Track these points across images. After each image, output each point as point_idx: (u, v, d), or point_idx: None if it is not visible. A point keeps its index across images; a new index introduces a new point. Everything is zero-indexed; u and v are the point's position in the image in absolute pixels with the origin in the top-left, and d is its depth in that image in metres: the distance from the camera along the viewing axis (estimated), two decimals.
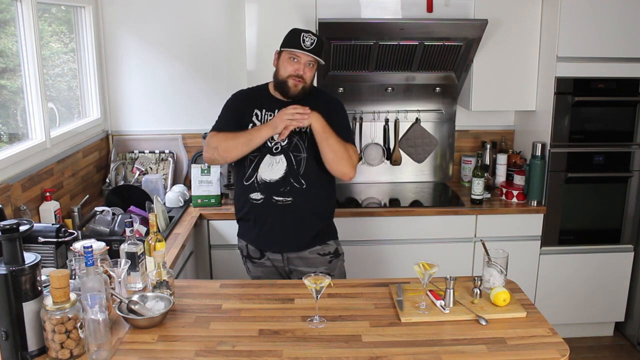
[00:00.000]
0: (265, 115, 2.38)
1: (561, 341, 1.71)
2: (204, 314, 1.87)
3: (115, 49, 3.46)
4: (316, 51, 2.27)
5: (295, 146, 2.33)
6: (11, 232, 1.56)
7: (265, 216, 2.36)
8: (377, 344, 1.69)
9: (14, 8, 2.58)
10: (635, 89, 3.15)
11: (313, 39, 2.26)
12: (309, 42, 2.24)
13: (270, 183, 2.33)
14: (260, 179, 2.34)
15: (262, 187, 2.34)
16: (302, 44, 2.24)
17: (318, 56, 2.29)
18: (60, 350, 1.58)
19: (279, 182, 2.32)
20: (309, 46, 2.24)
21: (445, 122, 3.63)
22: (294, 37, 2.28)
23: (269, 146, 2.33)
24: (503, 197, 3.35)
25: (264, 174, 2.34)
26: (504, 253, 2.01)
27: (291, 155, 2.33)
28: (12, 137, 2.69)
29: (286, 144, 2.33)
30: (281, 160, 2.33)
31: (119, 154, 3.52)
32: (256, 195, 2.35)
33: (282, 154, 2.33)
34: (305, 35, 2.25)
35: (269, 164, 2.33)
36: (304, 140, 2.33)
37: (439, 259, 2.03)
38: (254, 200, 2.36)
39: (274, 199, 2.33)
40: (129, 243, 1.98)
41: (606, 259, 3.35)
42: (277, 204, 2.33)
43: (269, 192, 2.33)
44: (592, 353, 3.38)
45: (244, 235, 2.51)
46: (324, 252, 2.43)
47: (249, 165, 2.36)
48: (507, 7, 3.19)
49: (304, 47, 2.24)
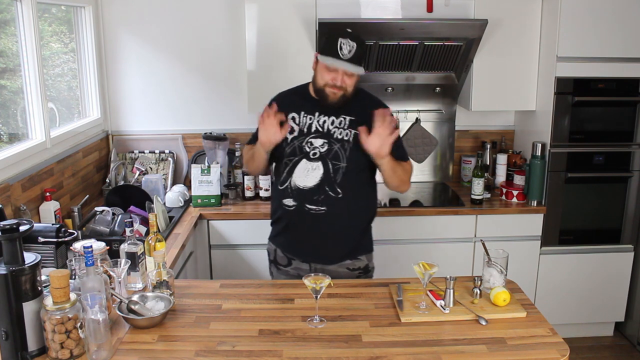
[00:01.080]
0: (303, 119, 2.22)
1: (561, 341, 1.71)
2: (204, 314, 1.87)
3: (115, 49, 3.46)
4: (356, 59, 2.06)
5: (335, 154, 2.17)
6: (11, 232, 1.56)
7: (296, 224, 2.24)
8: (377, 344, 1.69)
9: (14, 8, 2.58)
10: (635, 89, 3.15)
11: (352, 46, 2.03)
12: (346, 50, 2.02)
13: (304, 190, 2.18)
14: (294, 185, 2.20)
15: (295, 193, 2.20)
16: (339, 52, 2.02)
17: (358, 64, 2.08)
18: (60, 350, 1.58)
19: (313, 190, 2.17)
20: (347, 54, 2.03)
21: (445, 122, 3.63)
22: (330, 42, 2.06)
23: (307, 151, 2.18)
24: (503, 197, 3.35)
25: (298, 180, 2.19)
26: (504, 253, 2.01)
27: (329, 163, 2.17)
28: (12, 137, 2.69)
29: (325, 150, 2.17)
30: (318, 167, 2.17)
31: (119, 154, 3.52)
32: (289, 201, 2.22)
33: (320, 161, 2.17)
34: (343, 41, 2.02)
35: (305, 170, 2.18)
36: (346, 149, 2.17)
37: (439, 259, 2.03)
38: (287, 206, 2.23)
39: (306, 207, 2.19)
40: (129, 243, 1.98)
41: (606, 259, 3.35)
42: (309, 212, 2.19)
43: (302, 200, 2.19)
44: (592, 353, 3.38)
45: (274, 239, 2.39)
46: (353, 267, 2.30)
47: (284, 169, 2.23)
48: (507, 7, 3.20)
49: (341, 55, 2.03)
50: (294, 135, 2.21)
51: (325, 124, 2.20)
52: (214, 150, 3.37)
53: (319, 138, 2.18)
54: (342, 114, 2.20)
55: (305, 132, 2.20)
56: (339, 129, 2.19)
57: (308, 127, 2.21)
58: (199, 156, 3.57)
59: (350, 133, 2.18)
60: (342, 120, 2.20)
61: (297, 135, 2.21)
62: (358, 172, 2.21)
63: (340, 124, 2.20)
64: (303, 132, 2.20)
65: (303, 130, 2.21)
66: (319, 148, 2.18)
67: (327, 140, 2.17)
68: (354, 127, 2.18)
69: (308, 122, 2.21)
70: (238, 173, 3.40)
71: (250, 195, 3.31)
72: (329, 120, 2.20)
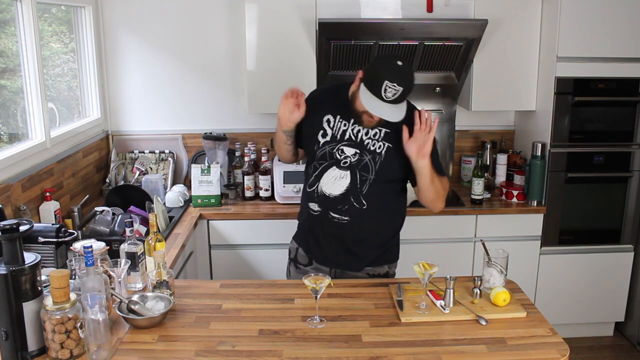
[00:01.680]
0: (338, 123, 2.13)
1: (561, 341, 1.71)
2: (204, 314, 1.87)
3: (115, 49, 3.46)
4: (399, 100, 1.94)
5: (365, 166, 2.11)
6: (11, 232, 1.56)
7: (320, 230, 2.21)
8: (377, 344, 1.69)
9: (14, 8, 2.58)
10: (635, 89, 3.15)
11: (397, 92, 1.88)
12: (390, 94, 1.89)
13: (329, 197, 2.14)
14: (320, 191, 2.16)
15: (321, 198, 2.16)
16: (382, 94, 1.89)
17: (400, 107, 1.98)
18: (60, 350, 1.58)
19: (338, 199, 2.13)
20: (390, 98, 1.90)
21: (445, 122, 3.63)
22: (376, 80, 1.90)
23: (338, 158, 2.12)
24: (503, 197, 3.35)
25: (325, 187, 2.15)
26: (504, 253, 2.01)
27: (357, 173, 2.12)
28: (12, 137, 2.69)
29: (356, 160, 2.11)
30: (345, 176, 2.12)
31: (119, 154, 3.52)
32: (314, 205, 2.19)
33: (348, 170, 2.12)
34: (389, 85, 1.88)
35: (333, 177, 2.13)
36: (376, 162, 2.11)
37: (439, 259, 2.02)
38: (312, 210, 2.20)
39: (330, 214, 2.16)
40: (129, 243, 1.98)
41: (606, 259, 3.35)
42: (332, 220, 2.16)
43: (327, 207, 2.16)
44: (592, 353, 3.38)
45: (297, 238, 2.36)
46: (373, 273, 2.27)
47: (313, 173, 2.18)
48: (507, 7, 3.20)
49: (384, 97, 1.90)
50: (325, 139, 2.14)
51: (359, 134, 2.12)
52: (214, 150, 3.37)
53: (352, 147, 2.11)
54: (378, 126, 2.11)
55: (338, 138, 2.13)
56: (373, 140, 2.12)
57: (341, 134, 2.13)
58: (199, 156, 3.57)
59: (383, 146, 2.11)
60: (377, 132, 2.13)
61: (329, 140, 2.14)
62: (385, 185, 2.16)
63: (375, 136, 2.12)
64: (335, 139, 2.13)
65: (336, 137, 2.13)
66: (350, 157, 2.11)
67: (359, 151, 2.11)
68: (388, 140, 2.12)
69: (342, 128, 2.13)
70: (238, 173, 3.40)
71: (250, 195, 3.31)
72: (363, 130, 2.12)
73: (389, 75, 1.88)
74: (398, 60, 1.91)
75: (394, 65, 1.90)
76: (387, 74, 1.89)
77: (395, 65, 1.90)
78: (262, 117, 3.55)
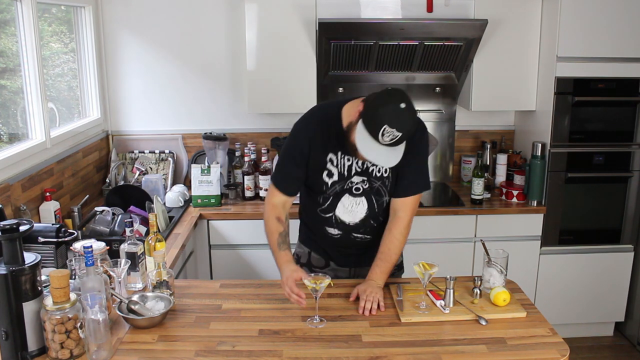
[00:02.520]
0: (341, 160, 2.02)
1: (561, 341, 1.71)
2: (204, 314, 1.87)
3: (115, 49, 3.46)
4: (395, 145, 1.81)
5: (378, 191, 2.06)
6: (11, 232, 1.56)
7: (342, 246, 2.18)
8: (377, 344, 1.69)
9: (14, 8, 2.58)
10: (635, 89, 3.15)
11: (395, 137, 1.76)
12: (388, 139, 1.76)
13: (350, 225, 2.10)
14: (339, 219, 2.10)
15: (340, 225, 2.11)
16: (379, 137, 1.76)
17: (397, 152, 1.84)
18: (60, 350, 1.58)
19: (358, 225, 2.10)
20: (387, 142, 1.77)
21: (445, 122, 3.63)
22: (376, 121, 1.76)
23: (349, 187, 2.05)
24: (503, 197, 3.35)
25: (342, 216, 2.09)
26: (504, 253, 2.01)
27: (373, 198, 2.07)
28: (12, 137, 2.69)
29: (368, 187, 2.05)
30: (362, 203, 2.07)
31: (119, 154, 3.52)
32: (333, 230, 2.12)
33: (363, 196, 2.06)
34: (387, 130, 1.74)
35: (349, 205, 2.07)
36: (387, 185, 2.06)
37: (439, 259, 2.03)
38: (331, 234, 2.14)
39: (352, 235, 2.13)
40: (129, 243, 1.98)
41: (606, 259, 3.35)
42: (355, 239, 2.14)
43: (348, 231, 2.12)
44: (592, 353, 3.38)
45: (307, 243, 2.26)
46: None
47: (324, 200, 2.09)
48: (507, 7, 3.19)
49: (381, 141, 1.77)
50: (333, 179, 2.04)
51: (364, 165, 2.03)
52: (214, 150, 3.37)
53: (359, 175, 2.04)
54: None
55: (346, 175, 2.04)
56: (377, 166, 2.04)
57: (348, 170, 2.04)
58: (199, 156, 3.57)
59: (389, 169, 2.05)
60: None
61: (338, 179, 2.05)
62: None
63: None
64: (343, 176, 2.04)
65: (343, 174, 2.04)
66: (361, 184, 2.05)
67: (366, 178, 2.04)
68: None
69: (347, 164, 2.03)
70: (238, 173, 3.40)
71: (250, 195, 3.31)
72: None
73: (389, 119, 1.74)
74: (402, 102, 1.78)
75: (396, 108, 1.77)
76: (387, 117, 1.75)
77: (398, 108, 1.76)
78: (262, 117, 3.55)
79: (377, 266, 2.03)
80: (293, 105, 3.20)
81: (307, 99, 3.19)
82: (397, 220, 2.07)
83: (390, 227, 2.08)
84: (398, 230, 2.06)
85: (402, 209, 2.07)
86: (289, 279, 1.89)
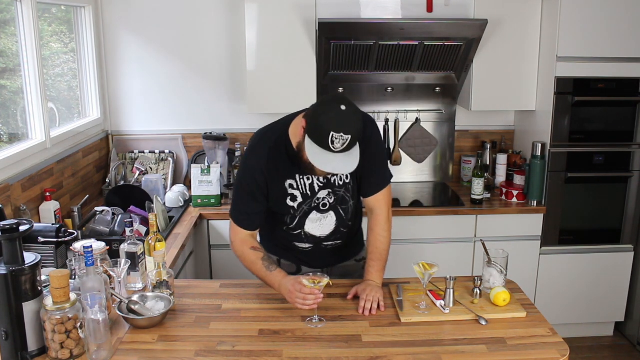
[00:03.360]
0: (301, 181, 1.98)
1: (561, 341, 1.71)
2: (204, 314, 1.87)
3: (115, 49, 3.46)
4: (349, 149, 1.76)
5: (342, 199, 2.04)
6: (11, 232, 1.56)
7: (312, 257, 2.16)
8: (377, 344, 1.69)
9: (14, 8, 2.58)
10: (635, 89, 3.15)
11: (346, 140, 1.71)
12: (339, 145, 1.71)
13: (320, 237, 2.09)
14: (308, 234, 2.08)
15: (311, 239, 2.10)
16: (330, 146, 1.72)
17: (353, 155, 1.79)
18: (60, 350, 1.58)
19: (329, 236, 2.09)
20: (340, 148, 1.72)
21: (445, 122, 3.63)
22: (321, 133, 1.72)
23: (315, 204, 2.02)
24: (503, 197, 3.35)
25: (312, 231, 2.07)
26: (504, 253, 2.01)
27: (339, 208, 2.06)
28: (12, 137, 2.69)
29: (333, 200, 2.02)
30: (330, 216, 2.05)
31: (119, 154, 3.52)
32: (304, 245, 2.11)
33: (330, 210, 2.04)
34: (335, 137, 1.69)
35: (317, 220, 2.05)
36: (350, 190, 2.05)
37: (439, 259, 2.03)
38: (302, 248, 2.13)
39: (323, 244, 2.12)
40: (129, 243, 1.98)
41: (606, 259, 3.35)
42: (326, 248, 2.13)
43: (319, 243, 2.11)
44: (592, 353, 3.38)
45: (276, 252, 2.19)
46: (359, 258, 2.27)
47: (292, 220, 2.05)
48: (507, 7, 3.19)
49: (333, 149, 1.72)
50: (298, 202, 2.01)
51: (325, 178, 2.01)
52: (214, 150, 3.37)
53: (323, 189, 2.01)
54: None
55: (310, 194, 2.01)
56: (337, 175, 2.02)
57: (311, 189, 2.00)
58: (199, 156, 3.57)
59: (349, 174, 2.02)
60: None
61: (303, 200, 2.01)
62: (359, 197, 2.13)
63: None
64: (308, 196, 2.01)
65: (307, 194, 2.01)
66: (327, 199, 2.02)
67: (331, 190, 2.02)
68: None
69: (307, 183, 1.99)
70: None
71: None
72: None
73: (334, 125, 1.69)
74: (342, 105, 1.73)
75: (337, 112, 1.71)
76: (331, 124, 1.70)
77: (339, 111, 1.71)
78: (262, 117, 3.54)
79: (371, 267, 2.04)
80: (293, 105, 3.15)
81: (307, 98, 3.18)
82: (375, 218, 2.09)
83: (372, 227, 2.09)
84: (380, 227, 2.07)
85: (377, 205, 2.09)
86: (295, 285, 1.82)
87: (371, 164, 2.00)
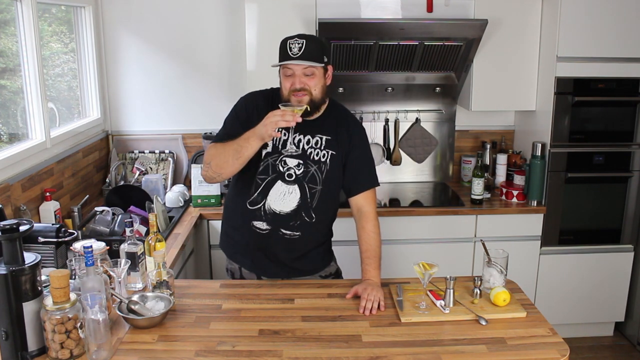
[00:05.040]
0: (281, 132, 2.03)
1: (561, 341, 1.71)
2: (204, 314, 1.87)
3: (115, 49, 3.46)
4: (308, 55, 1.92)
5: (312, 177, 2.06)
6: (11, 232, 1.56)
7: (268, 247, 2.14)
8: (377, 344, 1.69)
9: (14, 8, 2.58)
10: (635, 89, 3.15)
11: (301, 43, 1.92)
12: (296, 49, 1.92)
13: (280, 215, 2.08)
14: (269, 209, 2.08)
15: (270, 217, 2.09)
16: (289, 53, 1.93)
17: (312, 60, 1.94)
18: (60, 350, 1.58)
19: (290, 215, 2.08)
20: (297, 53, 1.92)
21: (445, 122, 3.63)
22: (282, 48, 1.97)
23: (281, 171, 2.05)
24: (503, 197, 3.35)
25: (274, 204, 2.07)
26: (504, 253, 2.01)
27: (306, 186, 2.07)
28: (12, 137, 2.69)
29: (302, 172, 2.05)
30: (294, 191, 2.06)
31: (119, 154, 3.53)
32: (261, 224, 2.10)
33: (296, 184, 2.06)
34: (291, 42, 1.94)
35: (281, 193, 2.06)
36: (322, 172, 2.07)
37: (439, 259, 2.03)
38: (258, 229, 2.11)
39: (281, 231, 2.10)
40: (129, 243, 1.98)
41: (606, 259, 3.35)
42: (284, 237, 2.11)
43: (277, 224, 2.09)
44: (592, 353, 3.38)
45: (235, 258, 2.25)
46: (325, 274, 2.27)
47: (256, 188, 2.07)
48: (507, 7, 3.20)
49: (292, 55, 1.93)
50: (267, 150, 2.06)
51: (300, 143, 2.06)
52: None
53: (294, 158, 2.06)
54: (318, 134, 2.09)
55: (280, 149, 2.06)
56: (315, 149, 2.07)
57: (282, 144, 2.06)
58: (199, 156, 3.57)
59: (328, 154, 2.08)
60: (318, 140, 2.08)
61: (271, 151, 2.06)
62: (331, 194, 2.13)
63: (317, 144, 2.08)
64: (277, 150, 2.06)
65: (277, 147, 2.06)
66: (294, 169, 2.05)
67: (302, 161, 2.05)
68: (331, 147, 2.09)
69: (282, 138, 2.06)
70: None
71: None
72: (304, 139, 2.07)
73: (290, 36, 1.97)
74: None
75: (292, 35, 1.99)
76: (287, 37, 1.98)
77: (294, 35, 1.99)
78: None
79: (367, 265, 2.06)
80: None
81: None
82: (365, 216, 2.12)
83: (363, 225, 2.12)
84: (371, 224, 2.11)
85: (366, 203, 2.13)
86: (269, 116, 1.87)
87: (358, 159, 2.09)
